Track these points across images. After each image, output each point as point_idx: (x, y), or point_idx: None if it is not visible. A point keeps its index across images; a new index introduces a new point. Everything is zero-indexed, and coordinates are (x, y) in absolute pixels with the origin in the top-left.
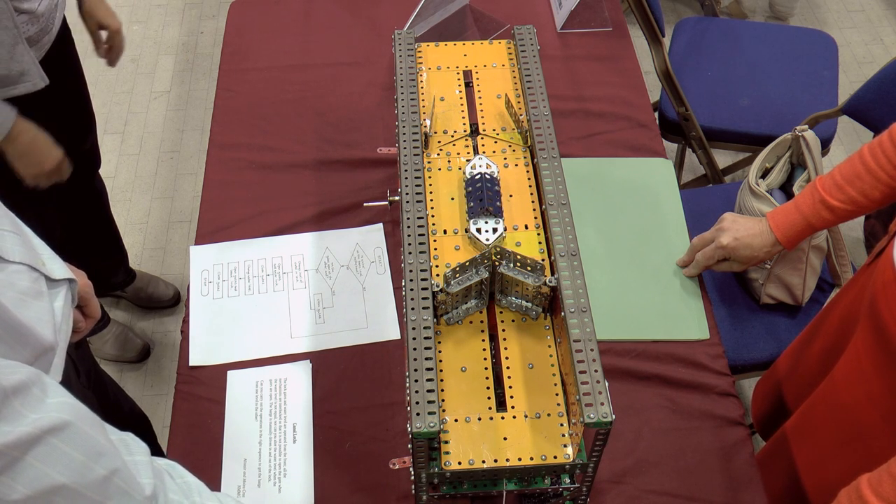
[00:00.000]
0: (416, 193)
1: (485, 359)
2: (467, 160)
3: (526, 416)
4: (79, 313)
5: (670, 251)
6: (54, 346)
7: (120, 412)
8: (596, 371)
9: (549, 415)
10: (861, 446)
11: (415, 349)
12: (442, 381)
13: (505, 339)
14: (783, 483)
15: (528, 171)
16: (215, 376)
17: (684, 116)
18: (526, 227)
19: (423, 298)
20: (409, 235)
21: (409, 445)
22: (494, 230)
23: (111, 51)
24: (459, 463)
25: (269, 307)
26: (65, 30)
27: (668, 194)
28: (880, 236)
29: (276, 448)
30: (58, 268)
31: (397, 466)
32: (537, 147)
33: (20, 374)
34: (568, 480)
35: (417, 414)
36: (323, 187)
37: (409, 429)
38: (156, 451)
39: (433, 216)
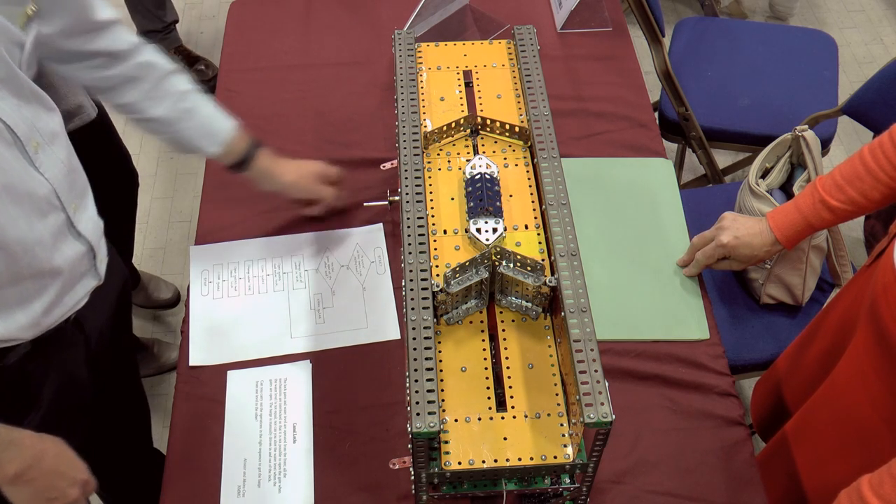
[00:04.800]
0: (416, 193)
1: (485, 359)
2: (467, 160)
3: (526, 416)
4: None
5: (670, 251)
6: None
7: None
8: (596, 371)
9: (549, 415)
10: (862, 448)
11: (415, 349)
12: (442, 381)
13: (505, 339)
14: (784, 484)
15: (528, 171)
16: (215, 376)
17: (684, 116)
18: (526, 227)
19: (423, 298)
20: (409, 235)
21: (409, 445)
22: (494, 230)
23: None
24: (459, 463)
25: (269, 307)
26: None
27: (668, 194)
28: (880, 237)
29: (276, 448)
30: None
31: (397, 466)
32: (537, 147)
33: None
34: (568, 480)
35: (417, 414)
36: None
37: (409, 429)
38: (148, 443)
39: (433, 216)
